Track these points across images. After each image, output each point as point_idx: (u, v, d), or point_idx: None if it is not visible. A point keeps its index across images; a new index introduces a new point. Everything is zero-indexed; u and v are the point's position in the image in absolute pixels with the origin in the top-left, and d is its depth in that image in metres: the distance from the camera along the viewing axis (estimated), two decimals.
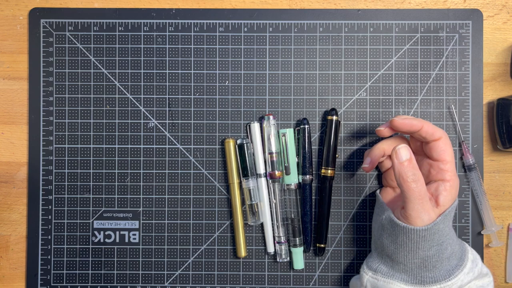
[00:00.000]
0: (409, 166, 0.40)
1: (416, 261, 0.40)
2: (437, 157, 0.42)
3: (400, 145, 0.40)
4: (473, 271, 0.41)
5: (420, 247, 0.40)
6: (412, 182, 0.39)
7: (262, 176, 0.49)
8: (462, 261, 0.41)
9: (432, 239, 0.40)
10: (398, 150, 0.40)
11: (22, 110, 0.51)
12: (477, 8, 0.50)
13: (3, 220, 0.50)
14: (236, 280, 0.50)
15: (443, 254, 0.40)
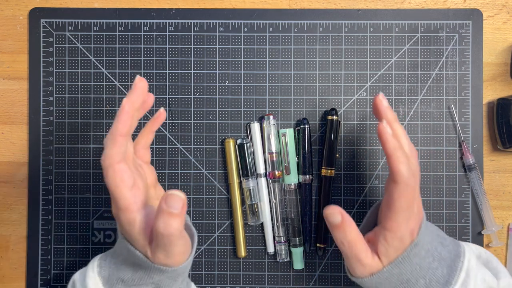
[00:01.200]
0: (338, 231, 0.37)
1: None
2: (386, 200, 0.38)
3: (328, 210, 0.37)
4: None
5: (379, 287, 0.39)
6: (341, 245, 0.37)
7: (262, 176, 0.49)
8: (449, 285, 0.38)
9: (389, 282, 0.38)
10: (328, 215, 0.37)
11: (22, 110, 0.51)
12: (477, 8, 0.50)
13: (3, 220, 0.50)
14: (236, 280, 0.50)
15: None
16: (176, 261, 0.37)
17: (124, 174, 0.35)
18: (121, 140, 0.35)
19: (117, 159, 0.35)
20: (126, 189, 0.35)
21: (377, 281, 0.38)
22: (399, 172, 0.36)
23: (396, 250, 0.37)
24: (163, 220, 0.33)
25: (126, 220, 0.36)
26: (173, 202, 0.33)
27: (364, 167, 0.50)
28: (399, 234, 0.37)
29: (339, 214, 0.37)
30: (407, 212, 0.36)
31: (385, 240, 0.37)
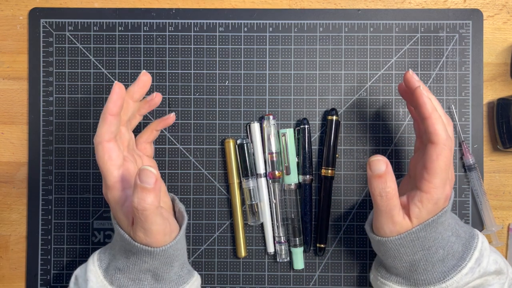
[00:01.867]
0: (379, 181, 0.37)
1: (404, 265, 0.40)
2: (424, 163, 0.38)
3: (375, 158, 0.38)
4: (472, 272, 0.39)
5: (402, 253, 0.39)
6: (378, 196, 0.38)
7: (262, 176, 0.49)
8: (463, 261, 0.39)
9: (413, 245, 0.39)
10: (372, 162, 0.38)
11: (22, 110, 0.51)
12: (477, 8, 0.50)
13: (3, 220, 0.50)
14: (236, 280, 0.50)
15: (433, 258, 0.39)
16: (157, 240, 0.37)
17: (112, 153, 0.38)
18: (110, 119, 0.37)
19: (106, 137, 0.37)
20: (114, 167, 0.37)
21: (402, 242, 0.39)
22: (437, 132, 0.37)
23: (428, 213, 0.38)
24: (137, 195, 0.34)
25: (112, 198, 0.38)
26: (145, 177, 0.34)
27: (364, 167, 0.50)
28: (436, 197, 0.38)
29: (385, 163, 0.37)
30: (444, 174, 0.37)
31: (420, 202, 0.38)
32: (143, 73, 0.42)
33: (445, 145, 0.37)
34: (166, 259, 0.39)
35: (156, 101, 0.44)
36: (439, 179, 0.37)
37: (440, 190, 0.38)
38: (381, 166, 0.37)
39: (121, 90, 0.38)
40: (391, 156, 0.50)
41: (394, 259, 0.40)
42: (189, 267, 0.43)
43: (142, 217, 0.35)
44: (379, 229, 0.40)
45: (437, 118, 0.37)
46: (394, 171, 0.49)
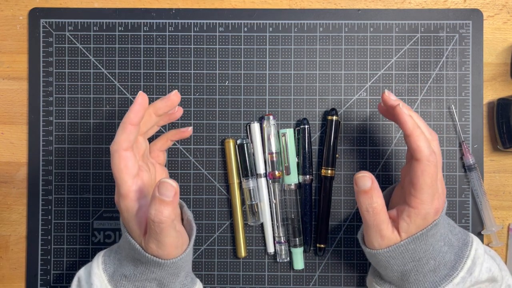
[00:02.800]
0: (365, 197, 0.38)
1: (396, 274, 0.40)
2: (410, 179, 0.38)
3: (360, 174, 0.38)
4: (464, 281, 0.39)
5: (392, 264, 0.39)
6: (365, 211, 0.38)
7: (262, 176, 0.49)
8: (454, 270, 0.39)
9: (402, 257, 0.39)
10: (358, 178, 0.38)
11: (22, 110, 0.51)
12: (477, 8, 0.50)
13: (3, 220, 0.50)
14: (236, 280, 0.50)
15: (424, 268, 0.39)
16: (168, 253, 0.37)
17: (128, 161, 0.37)
18: (130, 128, 0.37)
19: (124, 146, 0.37)
20: (128, 176, 0.37)
21: (391, 254, 0.39)
22: (420, 149, 0.37)
23: (417, 227, 0.38)
24: (155, 207, 0.34)
25: (124, 207, 0.38)
26: (165, 190, 0.34)
27: (364, 167, 0.50)
28: (424, 212, 0.38)
29: (370, 179, 0.38)
30: (431, 190, 0.37)
31: (408, 217, 0.38)
32: (175, 93, 0.41)
33: (429, 161, 0.37)
34: (174, 270, 0.39)
35: (177, 116, 0.44)
36: (426, 194, 0.37)
37: (428, 206, 0.37)
38: (366, 182, 0.38)
39: (144, 101, 0.38)
40: (390, 157, 0.50)
41: (385, 269, 0.40)
42: (192, 275, 0.44)
43: (158, 229, 0.35)
44: (369, 242, 0.40)
45: (419, 135, 0.37)
46: (394, 172, 0.50)
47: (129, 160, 0.37)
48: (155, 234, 0.35)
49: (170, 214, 0.34)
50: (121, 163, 0.37)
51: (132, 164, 0.37)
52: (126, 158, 0.37)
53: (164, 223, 0.34)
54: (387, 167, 0.50)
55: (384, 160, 0.50)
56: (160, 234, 0.35)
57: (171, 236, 0.36)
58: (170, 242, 0.36)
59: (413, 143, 0.38)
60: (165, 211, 0.34)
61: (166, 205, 0.34)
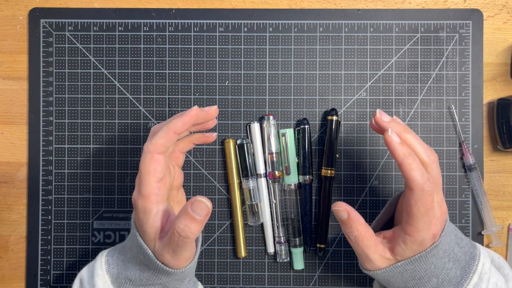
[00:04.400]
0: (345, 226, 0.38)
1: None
2: (405, 206, 0.37)
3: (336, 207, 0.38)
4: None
5: (392, 282, 0.39)
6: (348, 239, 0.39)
7: (262, 176, 0.49)
8: (460, 286, 0.38)
9: (402, 276, 0.38)
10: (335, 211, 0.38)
11: (22, 110, 0.51)
12: (477, 8, 0.50)
13: (3, 220, 0.50)
14: (236, 280, 0.50)
15: (426, 286, 0.38)
16: (180, 265, 0.38)
17: (158, 165, 0.37)
18: (172, 136, 0.38)
19: (160, 150, 0.38)
20: (155, 179, 0.37)
21: (390, 274, 0.38)
22: (412, 178, 0.35)
23: (413, 252, 0.37)
24: (184, 222, 0.34)
25: (142, 208, 0.37)
26: (198, 209, 0.34)
27: (364, 167, 0.50)
28: (419, 239, 0.36)
29: (345, 211, 0.37)
30: (426, 218, 0.36)
31: (403, 243, 0.37)
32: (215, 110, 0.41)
33: (423, 191, 0.35)
34: (180, 277, 0.39)
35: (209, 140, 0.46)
36: (421, 223, 0.36)
37: (423, 233, 0.36)
38: (342, 216, 0.38)
39: (196, 115, 0.38)
40: (390, 157, 0.50)
41: (387, 285, 0.40)
42: (194, 279, 0.44)
43: (181, 243, 0.35)
44: (362, 264, 0.40)
45: (410, 163, 0.36)
46: (396, 172, 0.50)
47: (159, 164, 0.38)
48: (175, 246, 0.35)
49: (198, 232, 0.35)
50: (151, 165, 0.37)
51: (161, 169, 0.38)
52: (157, 161, 0.37)
53: (189, 238, 0.35)
54: (387, 167, 0.50)
55: (384, 160, 0.50)
56: (181, 247, 0.35)
57: (188, 250, 0.37)
58: (186, 255, 0.37)
59: (405, 172, 0.36)
60: (193, 228, 0.34)
61: (196, 223, 0.34)
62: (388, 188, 0.50)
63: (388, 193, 0.50)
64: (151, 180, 0.37)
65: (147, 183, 0.37)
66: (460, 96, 0.50)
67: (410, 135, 0.38)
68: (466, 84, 0.50)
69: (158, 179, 0.37)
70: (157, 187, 0.37)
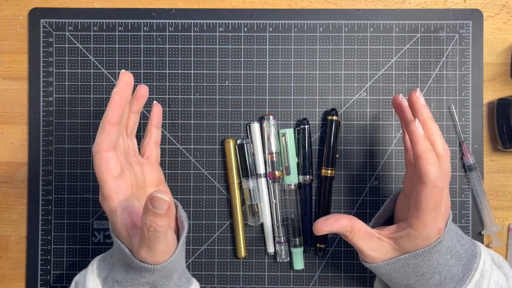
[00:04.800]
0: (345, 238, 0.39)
1: (399, 286, 0.39)
2: (413, 199, 0.37)
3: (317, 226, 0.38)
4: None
5: (394, 277, 0.39)
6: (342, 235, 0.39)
7: (262, 176, 0.49)
8: (462, 284, 0.38)
9: (404, 271, 0.38)
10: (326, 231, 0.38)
11: (22, 110, 0.51)
12: (477, 8, 0.50)
13: (3, 220, 0.50)
14: (236, 280, 0.50)
15: (428, 283, 0.38)
16: (157, 259, 0.37)
17: (109, 163, 0.37)
18: (109, 129, 0.37)
19: (104, 147, 0.36)
20: (110, 178, 0.37)
21: (392, 267, 0.38)
22: (427, 173, 0.35)
23: (417, 247, 0.37)
24: (149, 218, 0.33)
25: (108, 209, 0.37)
26: (158, 205, 0.33)
27: (364, 167, 0.50)
28: (425, 234, 0.36)
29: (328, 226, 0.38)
30: (434, 213, 0.36)
31: (408, 237, 0.37)
32: (123, 73, 0.40)
33: (435, 186, 0.35)
34: (165, 273, 0.39)
35: (141, 93, 0.42)
36: (428, 218, 0.36)
37: (430, 228, 0.36)
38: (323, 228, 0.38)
39: (120, 99, 0.37)
40: (390, 157, 0.50)
41: (389, 281, 0.40)
42: (187, 275, 0.43)
43: (152, 237, 0.34)
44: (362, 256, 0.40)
45: (429, 158, 0.35)
46: (396, 172, 0.50)
47: (110, 161, 0.37)
48: (147, 241, 0.35)
49: (166, 223, 0.34)
50: (102, 164, 0.36)
51: (113, 165, 0.37)
52: (107, 160, 0.37)
53: (158, 232, 0.34)
54: (387, 167, 0.50)
55: (384, 160, 0.50)
56: (153, 241, 0.35)
57: (163, 243, 0.36)
58: (161, 248, 0.36)
59: (421, 166, 0.35)
60: (159, 222, 0.33)
61: (160, 217, 0.33)
62: (388, 188, 0.50)
63: (388, 193, 0.50)
64: (107, 179, 0.37)
65: (105, 184, 0.37)
66: (460, 96, 0.50)
67: (434, 125, 0.38)
68: (466, 84, 0.50)
69: (114, 176, 0.37)
70: (116, 185, 0.37)
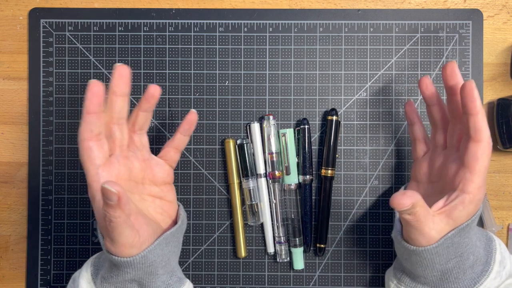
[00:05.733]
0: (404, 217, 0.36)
1: (435, 274, 0.39)
2: (467, 162, 0.37)
3: (398, 203, 0.35)
4: (500, 275, 0.38)
5: (436, 262, 0.38)
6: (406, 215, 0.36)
7: (262, 176, 0.49)
8: (488, 265, 0.39)
9: (447, 252, 0.38)
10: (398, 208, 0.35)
11: (22, 110, 0.51)
12: (477, 8, 0.50)
13: (3, 220, 0.50)
14: (236, 280, 0.50)
15: (465, 265, 0.38)
16: (122, 252, 0.36)
17: (91, 152, 0.37)
18: (87, 118, 0.37)
19: (85, 136, 0.37)
20: (92, 167, 0.37)
21: (437, 250, 0.37)
22: (482, 129, 0.36)
23: (469, 215, 0.37)
24: (104, 208, 0.34)
25: (90, 196, 0.38)
26: (107, 195, 0.33)
27: (364, 167, 0.50)
28: (478, 197, 0.37)
29: (410, 198, 0.35)
30: (485, 174, 0.37)
31: (463, 204, 0.36)
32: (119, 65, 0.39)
33: (489, 142, 0.36)
34: (147, 268, 0.38)
35: (150, 92, 0.41)
36: (481, 178, 0.36)
37: (482, 190, 0.37)
38: (405, 201, 0.35)
39: (97, 87, 0.37)
40: (390, 157, 0.50)
41: (425, 268, 0.39)
42: (180, 275, 0.42)
43: (110, 228, 0.35)
44: (414, 240, 0.38)
45: (484, 115, 0.36)
46: (395, 171, 0.50)
47: (91, 150, 0.37)
48: (108, 232, 0.35)
49: (120, 215, 0.34)
50: (84, 153, 0.37)
51: (95, 155, 0.37)
52: (88, 149, 0.37)
53: (114, 222, 0.34)
54: (387, 167, 0.50)
55: (384, 160, 0.50)
56: (112, 232, 0.35)
57: (124, 235, 0.35)
58: (123, 241, 0.36)
59: (477, 123, 0.36)
60: (112, 213, 0.34)
61: (112, 208, 0.33)
62: (388, 188, 0.50)
63: (388, 193, 0.50)
64: (89, 168, 0.37)
65: (87, 172, 0.37)
66: None
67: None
68: None
69: (95, 165, 0.37)
70: (97, 174, 0.37)
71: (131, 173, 0.41)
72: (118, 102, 0.39)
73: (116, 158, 0.39)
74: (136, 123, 0.42)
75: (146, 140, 0.43)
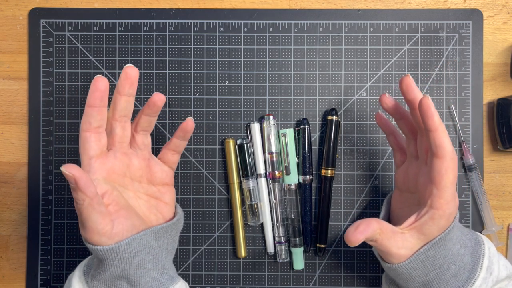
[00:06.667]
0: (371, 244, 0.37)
1: (417, 285, 0.39)
2: (432, 178, 0.37)
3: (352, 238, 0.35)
4: (486, 282, 0.38)
5: (414, 275, 0.38)
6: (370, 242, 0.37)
7: (262, 176, 0.49)
8: (474, 272, 0.38)
9: (424, 266, 0.38)
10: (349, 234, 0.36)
11: (22, 110, 0.51)
12: (477, 8, 0.50)
13: (3, 220, 0.50)
14: (236, 280, 0.50)
15: (445, 275, 0.38)
16: (91, 238, 0.36)
17: (86, 143, 0.38)
18: (88, 110, 0.38)
19: (84, 127, 0.38)
20: (85, 156, 0.39)
21: (413, 266, 0.37)
22: (444, 145, 0.36)
23: (440, 229, 0.37)
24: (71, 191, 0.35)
25: None
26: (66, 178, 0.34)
27: (364, 167, 0.50)
28: (448, 212, 0.36)
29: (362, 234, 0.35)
30: (453, 188, 0.36)
31: (432, 219, 0.36)
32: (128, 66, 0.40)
33: (452, 158, 0.36)
34: (132, 258, 0.38)
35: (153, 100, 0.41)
36: (449, 193, 0.36)
37: (451, 205, 0.36)
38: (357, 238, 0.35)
39: (101, 83, 0.38)
40: (390, 157, 0.50)
41: (406, 281, 0.39)
42: (173, 274, 0.42)
43: (77, 211, 0.36)
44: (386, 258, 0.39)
45: (444, 131, 0.36)
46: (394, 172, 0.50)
47: (87, 141, 0.38)
48: (78, 217, 0.36)
49: (82, 198, 0.35)
50: (81, 144, 0.39)
51: (89, 146, 0.38)
52: (84, 139, 0.38)
53: (79, 204, 0.35)
54: (387, 167, 0.50)
55: (384, 160, 0.50)
56: (80, 216, 0.36)
57: (91, 220, 0.36)
58: (91, 226, 0.36)
59: (438, 139, 0.36)
60: (75, 195, 0.35)
61: (74, 190, 0.35)
62: (388, 188, 0.50)
63: (388, 193, 0.50)
64: (83, 157, 0.38)
65: (82, 161, 0.39)
66: (460, 96, 0.50)
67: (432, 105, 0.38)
68: (466, 84, 0.50)
69: (89, 156, 0.38)
70: (88, 164, 0.38)
71: (129, 170, 0.41)
72: (122, 101, 0.40)
73: (113, 153, 0.40)
74: (139, 125, 0.43)
75: (149, 141, 0.44)
